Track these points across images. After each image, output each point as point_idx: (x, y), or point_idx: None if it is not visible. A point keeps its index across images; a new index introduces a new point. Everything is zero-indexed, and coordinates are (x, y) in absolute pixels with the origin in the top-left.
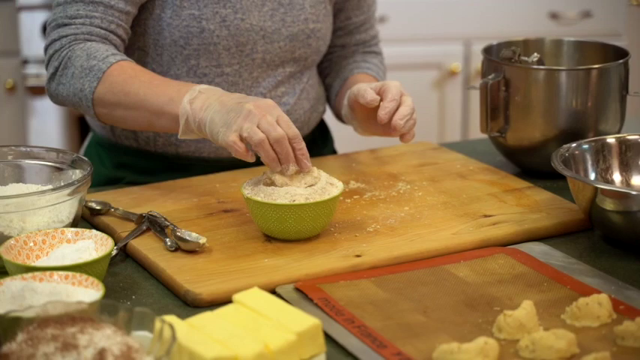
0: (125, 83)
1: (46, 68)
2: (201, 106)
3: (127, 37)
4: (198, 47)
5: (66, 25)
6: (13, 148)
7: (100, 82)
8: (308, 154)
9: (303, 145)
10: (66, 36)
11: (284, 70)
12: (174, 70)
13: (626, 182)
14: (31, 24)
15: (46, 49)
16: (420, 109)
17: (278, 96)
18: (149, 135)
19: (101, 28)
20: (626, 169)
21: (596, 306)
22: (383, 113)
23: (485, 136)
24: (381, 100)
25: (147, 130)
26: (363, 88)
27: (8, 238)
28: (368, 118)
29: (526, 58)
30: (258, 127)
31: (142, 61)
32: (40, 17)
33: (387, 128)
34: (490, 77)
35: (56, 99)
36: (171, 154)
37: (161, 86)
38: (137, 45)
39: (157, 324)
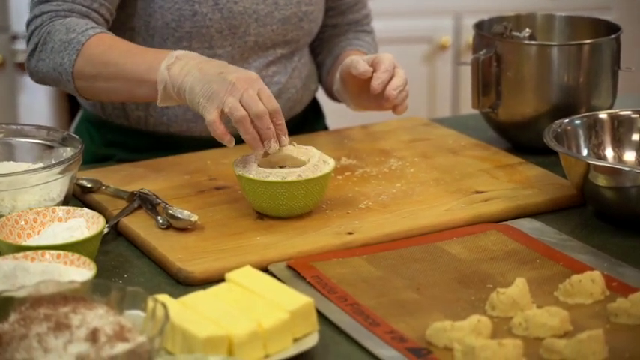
0: (104, 54)
1: (27, 45)
2: (179, 72)
3: (111, 18)
4: (190, 30)
5: (47, 1)
6: (3, 126)
7: (80, 55)
8: (286, 130)
9: (283, 120)
10: (47, 12)
11: (275, 51)
12: None
13: (618, 158)
14: None
15: (27, 26)
16: (410, 83)
17: (269, 75)
18: (140, 114)
19: (83, 5)
20: (618, 144)
21: (589, 283)
22: (376, 83)
23: (476, 111)
24: (374, 71)
25: (128, 101)
26: (356, 60)
27: None
28: (360, 92)
29: (518, 34)
30: (240, 101)
31: (133, 41)
32: None
33: (379, 100)
34: (482, 53)
35: (36, 76)
36: (162, 133)
37: (139, 54)
38: (128, 25)
39: (150, 303)
